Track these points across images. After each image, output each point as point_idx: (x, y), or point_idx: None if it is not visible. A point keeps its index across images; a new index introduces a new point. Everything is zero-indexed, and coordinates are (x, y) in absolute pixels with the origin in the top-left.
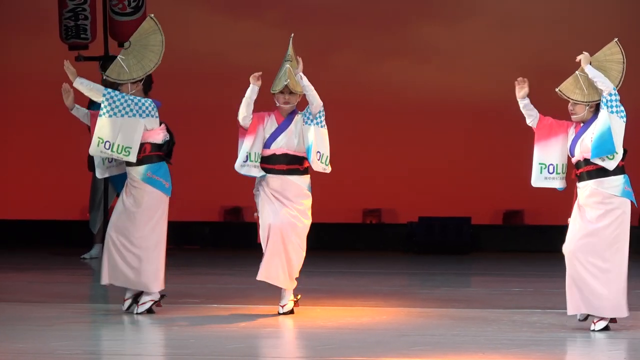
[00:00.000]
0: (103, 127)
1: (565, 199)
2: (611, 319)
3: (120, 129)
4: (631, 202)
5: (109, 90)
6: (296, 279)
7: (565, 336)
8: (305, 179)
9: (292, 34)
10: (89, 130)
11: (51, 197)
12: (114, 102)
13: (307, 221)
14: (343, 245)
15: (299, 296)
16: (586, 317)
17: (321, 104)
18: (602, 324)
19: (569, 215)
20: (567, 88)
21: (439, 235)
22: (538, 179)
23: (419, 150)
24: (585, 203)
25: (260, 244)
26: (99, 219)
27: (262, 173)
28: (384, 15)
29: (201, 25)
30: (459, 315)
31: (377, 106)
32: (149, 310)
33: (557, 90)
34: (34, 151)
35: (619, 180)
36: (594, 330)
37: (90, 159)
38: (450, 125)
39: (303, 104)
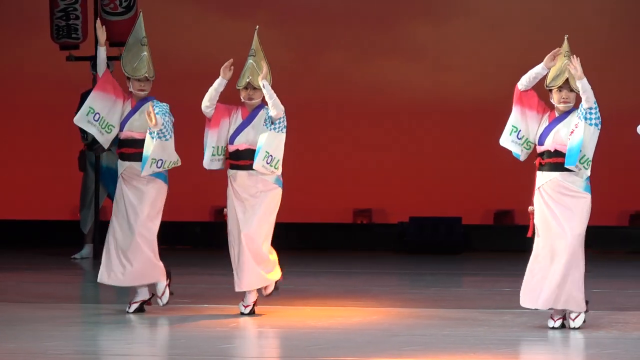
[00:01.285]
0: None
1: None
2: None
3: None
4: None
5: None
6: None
7: (554, 336)
8: (272, 174)
9: (257, 27)
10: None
11: (41, 197)
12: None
13: (272, 217)
14: (334, 246)
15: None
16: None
17: (282, 110)
18: (580, 319)
19: (531, 204)
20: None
21: (430, 235)
22: (506, 140)
23: (410, 150)
24: (549, 195)
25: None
26: (89, 219)
27: (222, 167)
28: (373, 15)
29: (192, 25)
30: (449, 315)
31: (367, 106)
32: (140, 309)
33: (546, 86)
34: (24, 151)
35: (583, 176)
36: (574, 328)
37: (82, 158)
38: (441, 125)
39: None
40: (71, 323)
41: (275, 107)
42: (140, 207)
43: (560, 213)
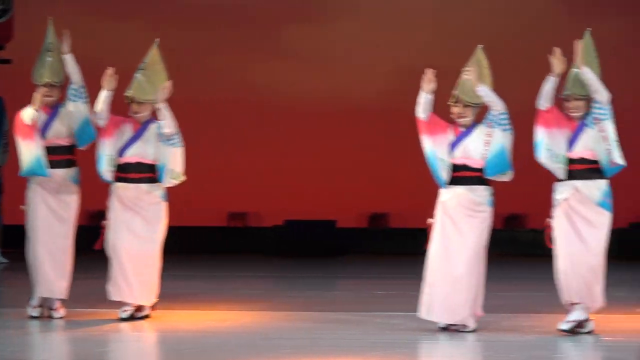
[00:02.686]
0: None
1: (430, 202)
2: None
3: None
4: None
5: None
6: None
7: (428, 339)
8: (159, 188)
9: (157, 40)
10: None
11: None
12: None
13: (159, 234)
14: (208, 249)
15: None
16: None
17: (175, 127)
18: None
19: (431, 216)
20: (462, 90)
21: (304, 238)
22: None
23: (285, 152)
24: (453, 208)
25: (100, 249)
26: None
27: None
28: (260, 17)
29: (75, 28)
30: (324, 318)
31: (246, 108)
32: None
33: (454, 92)
34: None
35: (488, 190)
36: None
37: None
38: (319, 127)
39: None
40: None
41: (168, 127)
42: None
43: (462, 225)
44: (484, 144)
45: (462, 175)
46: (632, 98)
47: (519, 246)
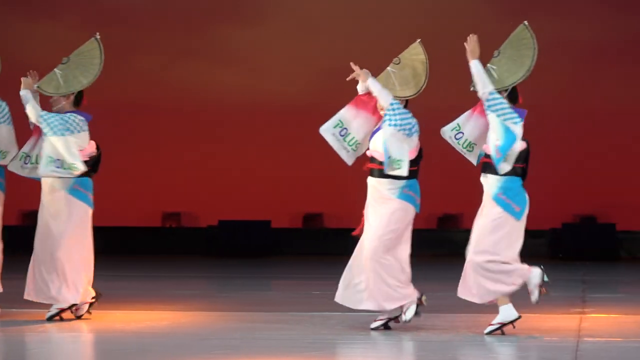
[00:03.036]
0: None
1: (364, 201)
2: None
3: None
4: (412, 206)
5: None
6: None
7: (364, 338)
8: (64, 183)
9: (97, 34)
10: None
11: None
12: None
13: (81, 234)
14: (143, 249)
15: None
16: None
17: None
18: (410, 312)
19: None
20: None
21: (239, 239)
22: (327, 130)
23: (220, 152)
24: (371, 198)
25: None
26: None
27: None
28: (186, 17)
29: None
30: (259, 318)
31: (177, 109)
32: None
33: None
34: None
35: (400, 184)
36: (374, 328)
37: None
38: (252, 128)
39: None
40: None
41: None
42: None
43: (377, 217)
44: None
45: (373, 167)
46: (557, 98)
47: (453, 246)
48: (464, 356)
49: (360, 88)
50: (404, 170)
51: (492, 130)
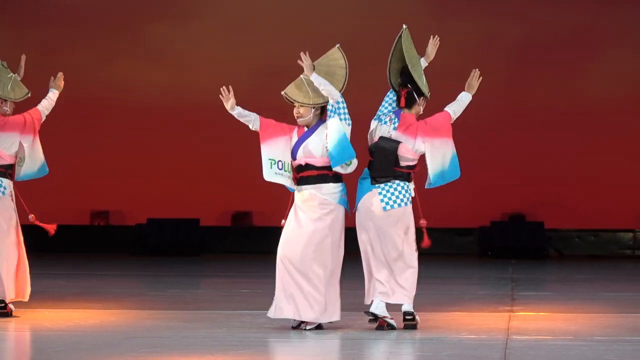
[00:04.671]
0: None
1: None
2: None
3: None
4: (345, 209)
5: None
6: None
7: (292, 336)
8: None
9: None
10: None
11: None
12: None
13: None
14: (71, 247)
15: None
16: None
17: None
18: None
19: (284, 217)
20: (292, 91)
21: (168, 237)
22: (269, 174)
23: (148, 150)
24: (301, 207)
25: None
26: None
27: None
28: (114, 15)
29: None
30: (188, 317)
31: (106, 106)
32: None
33: (282, 93)
34: None
35: (338, 188)
36: (305, 329)
37: None
38: (181, 126)
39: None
40: None
41: None
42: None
43: (311, 222)
44: (325, 139)
45: (309, 174)
46: (486, 98)
47: None
48: (394, 355)
49: (229, 107)
50: (353, 166)
51: None
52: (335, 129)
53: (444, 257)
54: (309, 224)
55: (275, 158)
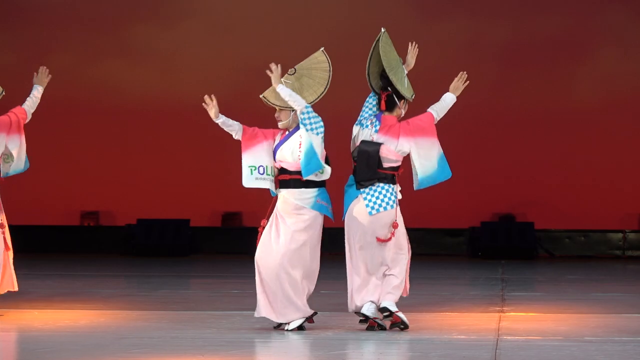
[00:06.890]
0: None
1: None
2: (307, 318)
3: None
4: (325, 214)
5: None
6: None
7: (281, 337)
8: None
9: None
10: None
11: None
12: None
13: None
14: (60, 248)
15: None
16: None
17: None
18: (296, 323)
19: (265, 217)
20: (270, 95)
21: (157, 238)
22: (248, 180)
23: (138, 151)
24: (280, 211)
25: None
26: None
27: None
28: (101, 16)
29: None
30: (178, 317)
31: (95, 107)
32: None
33: (261, 96)
34: None
35: (311, 193)
36: (288, 330)
37: None
38: (171, 126)
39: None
40: None
41: None
42: None
43: (289, 226)
44: (299, 146)
45: (283, 178)
46: (476, 98)
47: None
48: (385, 355)
49: (213, 116)
50: (326, 174)
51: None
52: (304, 141)
53: (434, 257)
54: (285, 229)
55: (255, 164)
